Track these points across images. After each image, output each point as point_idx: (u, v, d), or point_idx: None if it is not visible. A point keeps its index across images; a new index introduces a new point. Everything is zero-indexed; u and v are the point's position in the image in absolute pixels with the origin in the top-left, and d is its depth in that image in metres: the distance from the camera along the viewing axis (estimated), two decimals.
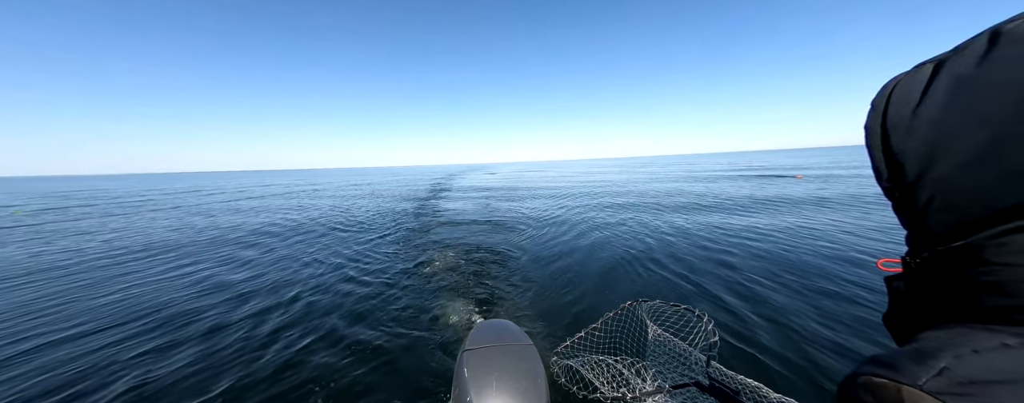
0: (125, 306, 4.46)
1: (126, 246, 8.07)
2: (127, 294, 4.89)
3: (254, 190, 28.39)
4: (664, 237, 7.15)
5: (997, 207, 0.29)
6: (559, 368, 1.50)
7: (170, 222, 11.74)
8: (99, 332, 3.76)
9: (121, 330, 3.79)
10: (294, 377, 2.90)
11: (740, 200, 11.70)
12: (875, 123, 0.38)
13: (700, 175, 25.68)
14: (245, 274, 5.73)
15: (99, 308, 4.42)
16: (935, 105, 0.33)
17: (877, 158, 0.38)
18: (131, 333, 3.71)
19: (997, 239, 0.30)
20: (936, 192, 0.33)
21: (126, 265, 6.45)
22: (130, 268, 6.24)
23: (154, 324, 3.91)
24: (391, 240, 7.88)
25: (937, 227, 0.34)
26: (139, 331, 3.75)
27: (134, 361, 3.18)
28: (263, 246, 7.76)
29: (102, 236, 9.42)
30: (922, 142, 0.33)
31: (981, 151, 0.30)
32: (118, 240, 8.83)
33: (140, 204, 18.62)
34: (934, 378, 0.26)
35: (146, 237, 9.09)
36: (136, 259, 6.87)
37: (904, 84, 0.36)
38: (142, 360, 3.20)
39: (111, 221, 12.40)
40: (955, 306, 0.34)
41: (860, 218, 7.99)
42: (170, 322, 3.95)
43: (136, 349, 3.38)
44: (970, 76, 0.31)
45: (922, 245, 0.36)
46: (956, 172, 0.31)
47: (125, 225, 11.39)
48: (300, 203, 17.02)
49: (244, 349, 3.37)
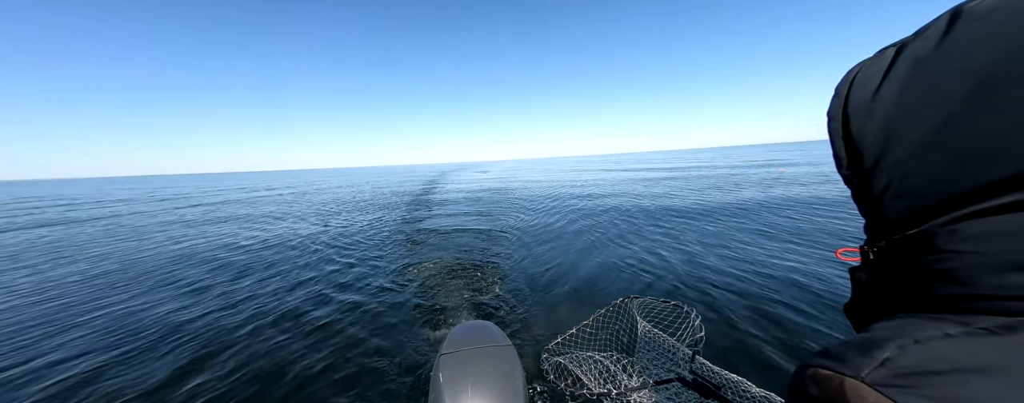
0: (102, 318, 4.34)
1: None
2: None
3: (230, 196, 27.84)
4: (654, 231, 7.24)
5: (949, 193, 0.29)
6: (549, 365, 1.51)
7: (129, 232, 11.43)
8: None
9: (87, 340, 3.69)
10: (266, 381, 2.84)
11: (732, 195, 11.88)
12: (837, 109, 0.37)
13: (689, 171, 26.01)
14: (224, 277, 5.61)
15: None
16: (893, 88, 0.32)
17: (837, 144, 0.37)
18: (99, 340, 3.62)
19: (948, 226, 0.29)
20: (891, 178, 0.32)
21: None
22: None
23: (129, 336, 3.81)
24: (376, 242, 7.78)
25: (892, 215, 0.34)
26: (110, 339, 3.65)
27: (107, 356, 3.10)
28: (241, 249, 7.59)
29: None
30: (880, 127, 0.33)
31: (935, 135, 0.29)
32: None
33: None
34: (876, 369, 0.26)
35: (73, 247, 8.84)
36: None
37: (866, 69, 0.36)
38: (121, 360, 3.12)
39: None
40: (908, 295, 0.33)
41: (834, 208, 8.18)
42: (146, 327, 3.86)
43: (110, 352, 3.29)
44: (928, 58, 0.30)
45: (879, 234, 0.36)
46: (910, 157, 0.31)
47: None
48: (273, 211, 16.70)
49: (211, 353, 3.30)
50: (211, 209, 15.46)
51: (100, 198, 26.22)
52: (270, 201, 18.05)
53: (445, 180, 30.36)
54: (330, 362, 3.07)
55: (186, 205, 17.96)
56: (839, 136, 0.37)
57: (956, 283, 0.29)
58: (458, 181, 27.90)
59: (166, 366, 3.07)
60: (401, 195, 18.45)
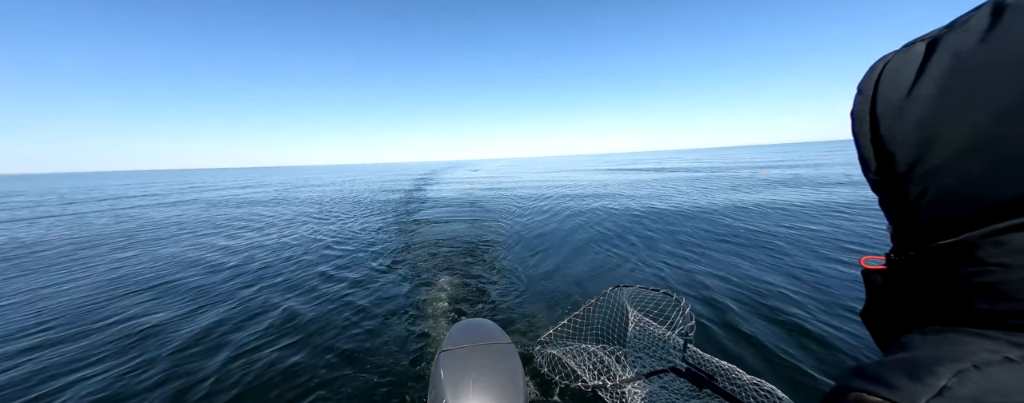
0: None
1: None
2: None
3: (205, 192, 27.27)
4: (643, 224, 7.30)
5: (995, 201, 0.26)
6: (543, 357, 1.51)
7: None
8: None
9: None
10: (264, 378, 2.81)
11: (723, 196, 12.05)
12: (863, 108, 0.34)
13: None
14: (216, 276, 5.47)
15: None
16: (931, 86, 0.30)
17: (865, 147, 0.35)
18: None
19: (993, 237, 0.27)
20: (929, 184, 0.30)
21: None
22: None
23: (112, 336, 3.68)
24: (371, 239, 7.71)
25: (927, 222, 0.31)
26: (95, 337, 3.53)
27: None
28: (226, 250, 7.38)
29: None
30: (915, 127, 0.30)
31: (981, 137, 0.27)
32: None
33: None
34: (934, 398, 0.24)
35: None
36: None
37: (895, 64, 0.33)
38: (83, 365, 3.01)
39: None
40: (942, 307, 0.31)
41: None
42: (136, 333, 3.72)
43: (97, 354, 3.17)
44: (971, 53, 0.28)
45: (909, 242, 0.34)
46: (952, 161, 0.28)
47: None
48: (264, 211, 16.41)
49: (203, 350, 3.26)
50: (209, 204, 15.13)
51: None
52: (269, 197, 17.70)
53: (437, 178, 30.28)
54: (328, 359, 3.05)
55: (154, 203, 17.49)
56: (867, 138, 0.34)
57: (1002, 298, 0.27)
58: (450, 179, 27.84)
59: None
60: (395, 192, 18.32)
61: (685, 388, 1.19)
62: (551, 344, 1.62)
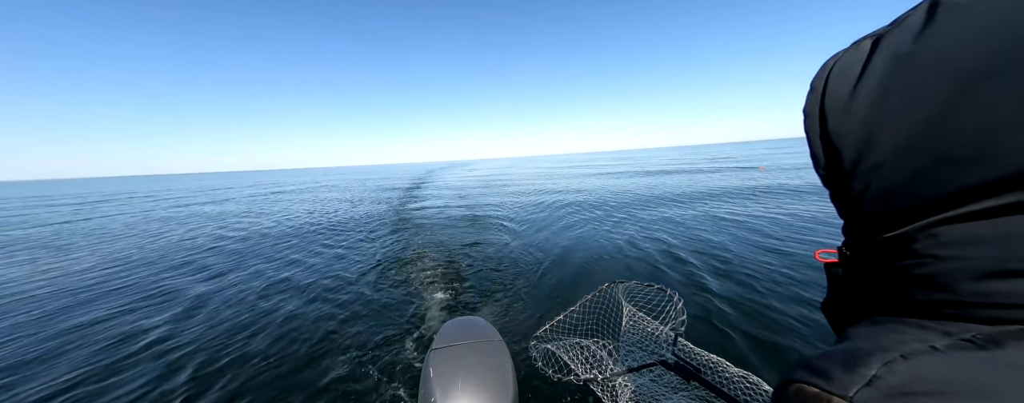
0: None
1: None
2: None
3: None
4: (641, 220, 7.36)
5: (929, 196, 0.27)
6: (537, 352, 1.53)
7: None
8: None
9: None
10: (259, 379, 2.84)
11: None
12: (813, 106, 0.35)
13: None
14: (208, 276, 5.44)
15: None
16: (872, 84, 0.30)
17: (814, 143, 0.35)
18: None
19: (928, 230, 0.28)
20: (870, 180, 0.31)
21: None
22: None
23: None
24: (364, 239, 7.69)
25: (871, 217, 0.32)
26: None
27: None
28: (218, 251, 7.38)
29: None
30: (859, 125, 0.31)
31: (915, 136, 0.27)
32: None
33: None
34: (864, 388, 0.24)
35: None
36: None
37: (843, 62, 0.33)
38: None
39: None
40: (887, 299, 0.33)
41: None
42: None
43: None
44: (907, 52, 0.28)
45: (857, 236, 0.35)
46: (890, 159, 0.29)
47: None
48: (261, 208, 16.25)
49: (198, 350, 3.29)
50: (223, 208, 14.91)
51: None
52: (269, 200, 17.51)
53: (435, 177, 30.12)
54: (321, 359, 3.06)
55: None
56: (816, 135, 0.35)
57: (936, 289, 0.28)
58: (445, 179, 27.72)
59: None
60: (391, 191, 18.20)
61: (675, 381, 1.22)
62: (546, 339, 1.64)
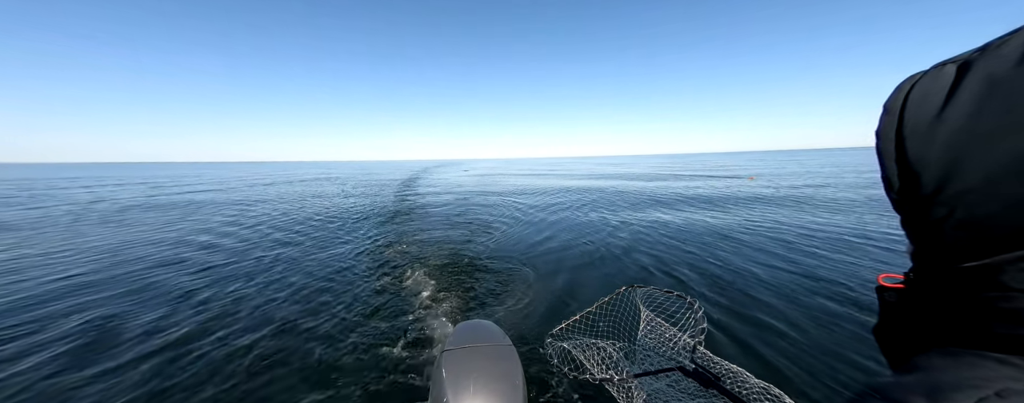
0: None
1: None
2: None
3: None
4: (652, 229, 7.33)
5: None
6: (553, 349, 1.53)
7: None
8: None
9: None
10: (270, 372, 2.88)
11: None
12: (889, 129, 0.34)
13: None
14: (204, 278, 5.32)
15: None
16: (963, 109, 0.29)
17: (889, 167, 0.35)
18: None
19: (1019, 262, 0.27)
20: (956, 206, 0.30)
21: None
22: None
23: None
24: (365, 237, 7.68)
25: (952, 245, 0.31)
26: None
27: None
28: (215, 247, 7.26)
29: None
30: (945, 150, 0.30)
31: (1013, 164, 0.27)
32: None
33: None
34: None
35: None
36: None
37: (923, 86, 0.33)
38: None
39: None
40: (961, 329, 0.31)
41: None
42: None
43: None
44: (1007, 76, 0.27)
45: (930, 263, 0.34)
46: (982, 186, 0.28)
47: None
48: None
49: (211, 356, 3.26)
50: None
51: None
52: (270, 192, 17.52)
53: (432, 175, 30.07)
54: (334, 354, 3.13)
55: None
56: (891, 158, 0.34)
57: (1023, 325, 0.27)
58: (445, 177, 27.66)
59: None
60: (391, 186, 18.17)
61: (692, 388, 1.20)
62: (561, 337, 1.64)
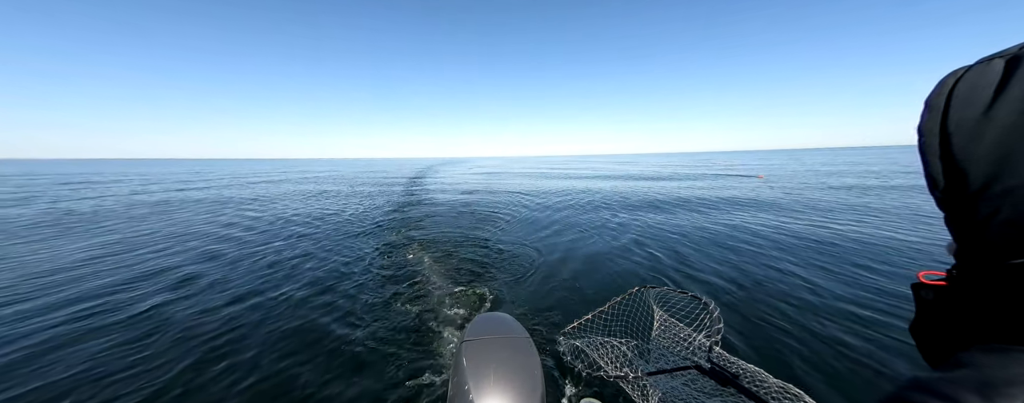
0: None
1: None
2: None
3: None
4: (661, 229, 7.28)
5: None
6: (567, 347, 1.53)
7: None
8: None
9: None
10: (294, 360, 2.98)
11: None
12: (933, 124, 0.34)
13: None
14: (217, 272, 5.43)
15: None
16: (1013, 107, 0.29)
17: (933, 163, 0.34)
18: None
19: None
20: (1003, 203, 0.30)
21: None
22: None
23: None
24: (380, 231, 7.81)
25: (998, 242, 0.31)
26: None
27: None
28: (231, 240, 7.39)
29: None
30: (994, 146, 0.30)
31: None
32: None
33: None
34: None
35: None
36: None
37: (969, 81, 0.32)
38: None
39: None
40: (1006, 326, 0.31)
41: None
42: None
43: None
44: None
45: (975, 260, 0.33)
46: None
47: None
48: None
49: (231, 341, 3.36)
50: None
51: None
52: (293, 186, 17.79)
53: (438, 173, 30.21)
54: (355, 342, 3.27)
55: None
56: (936, 155, 0.34)
57: None
58: (453, 173, 27.77)
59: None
60: (398, 185, 18.32)
61: (709, 387, 1.19)
62: (574, 335, 1.64)
